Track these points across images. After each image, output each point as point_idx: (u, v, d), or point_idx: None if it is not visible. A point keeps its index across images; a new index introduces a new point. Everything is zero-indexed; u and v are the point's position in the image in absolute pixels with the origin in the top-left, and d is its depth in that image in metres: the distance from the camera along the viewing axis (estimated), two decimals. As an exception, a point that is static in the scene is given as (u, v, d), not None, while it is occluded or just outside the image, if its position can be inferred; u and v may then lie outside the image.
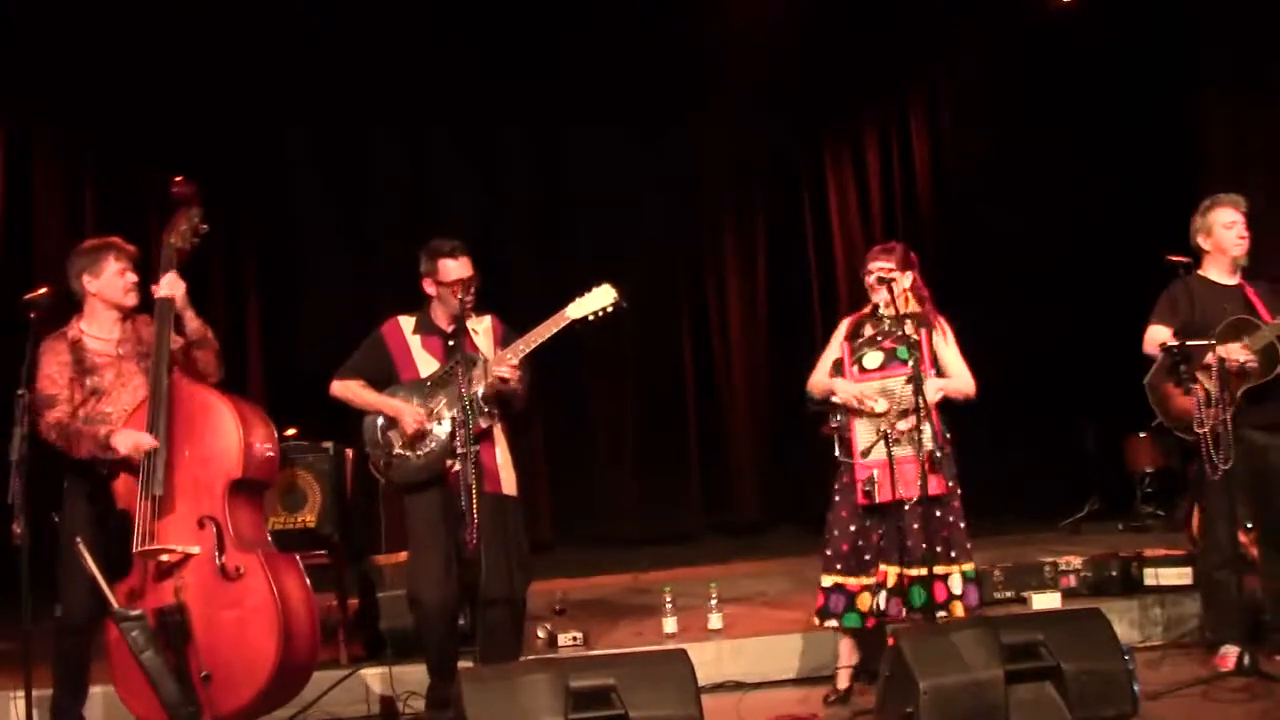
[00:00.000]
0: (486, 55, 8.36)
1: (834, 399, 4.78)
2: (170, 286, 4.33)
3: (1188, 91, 8.46)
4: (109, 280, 4.39)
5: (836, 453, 4.79)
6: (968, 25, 8.88)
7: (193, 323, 4.43)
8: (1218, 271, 4.95)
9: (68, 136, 7.79)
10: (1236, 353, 4.71)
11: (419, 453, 4.52)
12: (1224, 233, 4.91)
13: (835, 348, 4.89)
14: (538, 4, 8.26)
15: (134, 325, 4.47)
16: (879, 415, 4.62)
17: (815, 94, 8.94)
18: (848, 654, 4.82)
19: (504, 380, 4.46)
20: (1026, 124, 8.85)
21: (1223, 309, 4.83)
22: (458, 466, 4.40)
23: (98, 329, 4.41)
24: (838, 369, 4.81)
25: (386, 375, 4.66)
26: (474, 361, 4.51)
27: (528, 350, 4.49)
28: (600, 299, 4.52)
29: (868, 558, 4.70)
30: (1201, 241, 4.98)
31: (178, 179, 4.47)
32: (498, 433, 4.62)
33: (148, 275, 4.45)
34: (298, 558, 4.41)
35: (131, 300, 4.44)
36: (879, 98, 9.35)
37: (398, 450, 4.55)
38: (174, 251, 4.39)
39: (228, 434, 4.26)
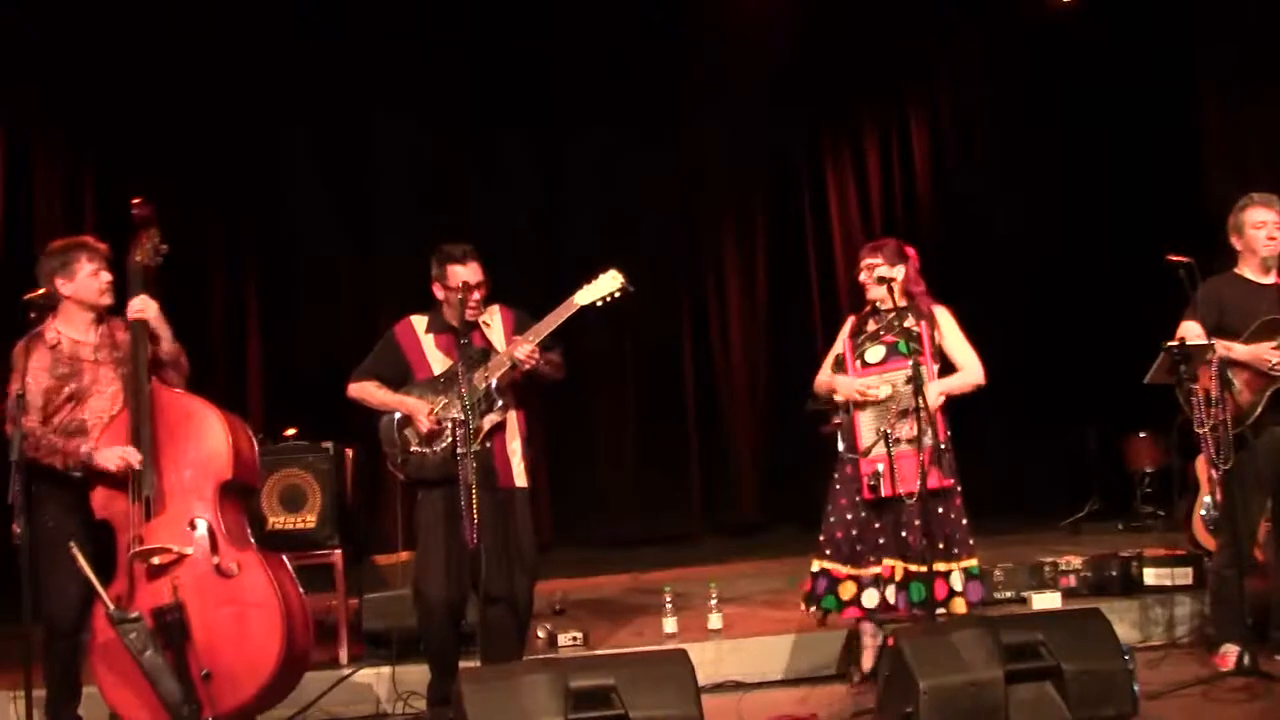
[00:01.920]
0: (487, 54, 8.35)
1: (836, 398, 4.81)
2: (141, 305, 4.36)
3: (1188, 91, 8.46)
4: (83, 282, 4.37)
5: (840, 448, 4.80)
6: (968, 25, 8.88)
7: (168, 344, 4.44)
8: (1252, 270, 4.94)
9: (68, 136, 7.78)
10: (1266, 353, 4.70)
11: (436, 449, 4.53)
12: (1254, 233, 4.91)
13: (839, 345, 4.93)
14: (538, 3, 8.26)
15: (109, 328, 4.47)
16: (882, 403, 4.64)
17: (815, 94, 8.94)
18: (871, 632, 4.84)
19: (521, 361, 4.46)
20: (1026, 124, 8.85)
21: (1257, 308, 4.81)
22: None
23: (74, 331, 4.40)
24: (840, 364, 4.84)
25: (401, 375, 4.68)
26: (486, 356, 4.52)
27: (537, 340, 4.50)
28: (607, 285, 4.53)
29: (860, 549, 4.73)
30: (1234, 241, 4.98)
31: (136, 200, 4.49)
32: (511, 423, 4.63)
33: (123, 278, 4.46)
34: (284, 557, 4.44)
35: (107, 300, 4.43)
36: (879, 98, 9.34)
37: (414, 447, 4.57)
38: (141, 269, 4.42)
39: (216, 437, 4.28)
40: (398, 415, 4.61)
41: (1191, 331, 4.85)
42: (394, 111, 8.30)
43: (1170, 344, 4.72)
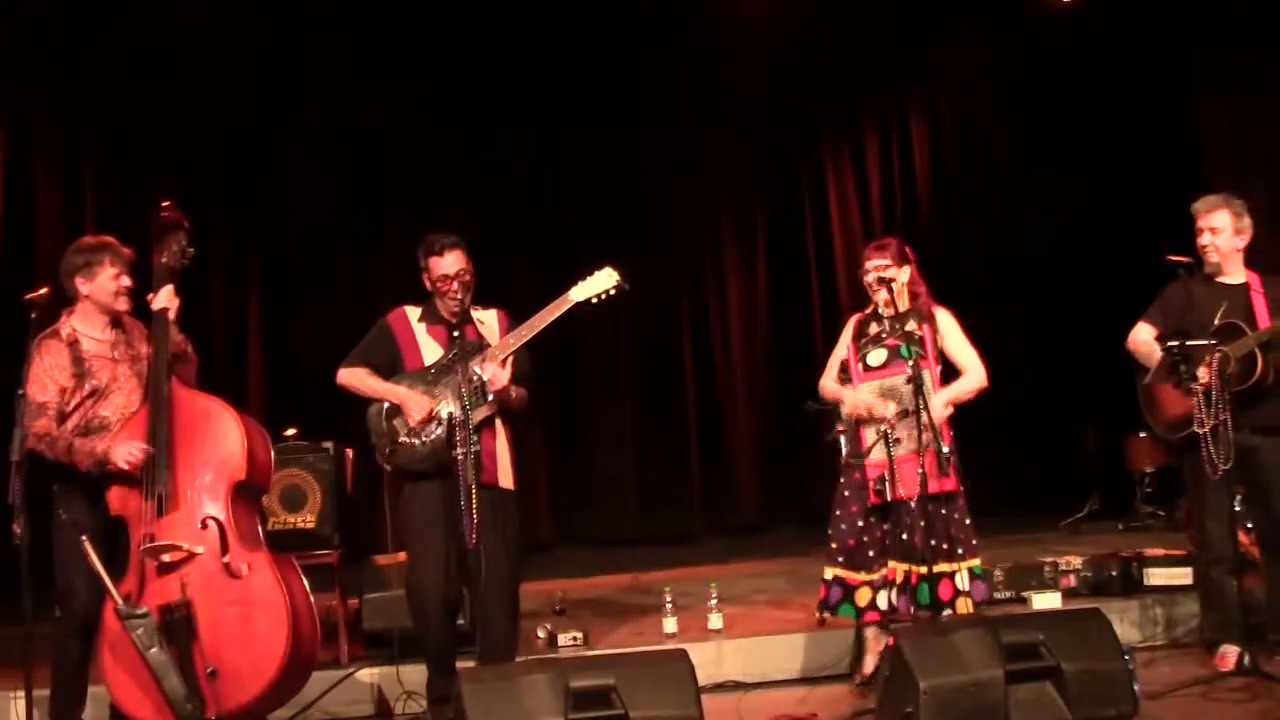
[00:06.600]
0: (487, 54, 8.35)
1: (842, 410, 4.81)
2: (167, 299, 4.38)
3: (1188, 91, 8.46)
4: (102, 284, 4.39)
5: (845, 453, 4.79)
6: (968, 25, 8.88)
7: (176, 337, 4.45)
8: (1221, 272, 4.93)
9: (68, 136, 7.78)
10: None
11: (424, 439, 4.52)
12: (1197, 240, 4.91)
13: (842, 348, 4.91)
14: (539, 3, 8.26)
15: (124, 328, 4.49)
16: (888, 419, 4.64)
17: (815, 94, 8.95)
18: (874, 638, 4.84)
19: (489, 381, 4.46)
20: (1026, 123, 8.86)
21: (1215, 308, 4.78)
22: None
23: (89, 329, 4.41)
24: (845, 371, 4.84)
25: (392, 363, 4.68)
26: (480, 349, 4.53)
27: (530, 335, 4.49)
28: (603, 282, 4.53)
29: (871, 554, 4.74)
30: None
31: (165, 204, 4.52)
32: (500, 424, 4.63)
33: (143, 279, 4.47)
34: (294, 558, 4.45)
35: (122, 305, 4.45)
36: (879, 97, 9.35)
37: (402, 438, 4.55)
38: (167, 270, 4.44)
39: (231, 438, 4.31)
40: (386, 405, 4.60)
41: (1142, 334, 4.87)
42: (395, 110, 8.30)
43: (1170, 344, 4.72)
